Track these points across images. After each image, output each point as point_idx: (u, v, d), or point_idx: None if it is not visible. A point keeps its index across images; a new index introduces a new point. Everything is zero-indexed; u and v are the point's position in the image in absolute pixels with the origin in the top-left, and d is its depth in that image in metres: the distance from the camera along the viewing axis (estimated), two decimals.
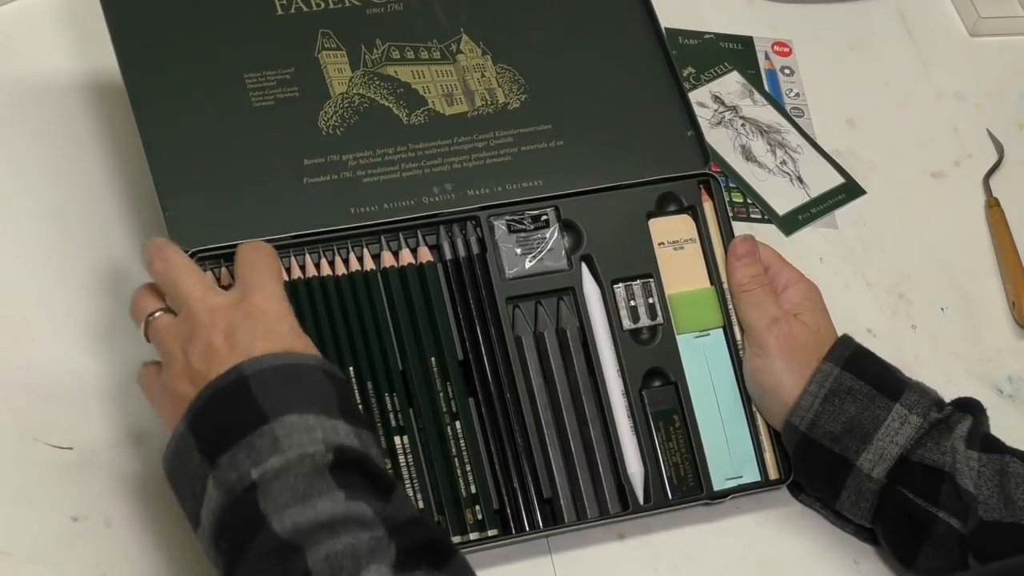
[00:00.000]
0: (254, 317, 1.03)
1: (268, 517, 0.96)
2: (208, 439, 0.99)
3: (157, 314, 1.07)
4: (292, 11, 1.24)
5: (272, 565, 0.95)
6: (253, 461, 0.97)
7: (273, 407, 0.98)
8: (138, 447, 1.16)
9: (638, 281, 1.22)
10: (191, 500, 1.00)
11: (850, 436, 1.16)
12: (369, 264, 1.17)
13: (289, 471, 0.96)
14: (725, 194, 1.36)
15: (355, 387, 1.14)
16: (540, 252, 1.21)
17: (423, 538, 0.97)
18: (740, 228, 1.30)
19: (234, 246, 1.13)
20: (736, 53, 1.47)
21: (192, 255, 1.13)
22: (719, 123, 1.42)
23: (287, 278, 1.14)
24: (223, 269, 1.14)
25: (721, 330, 1.23)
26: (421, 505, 1.13)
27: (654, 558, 1.20)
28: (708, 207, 1.25)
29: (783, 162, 1.41)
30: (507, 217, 1.20)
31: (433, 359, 1.16)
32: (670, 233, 1.24)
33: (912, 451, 1.15)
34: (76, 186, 1.25)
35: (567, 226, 1.22)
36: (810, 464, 1.19)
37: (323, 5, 1.25)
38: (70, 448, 1.15)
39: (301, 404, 0.99)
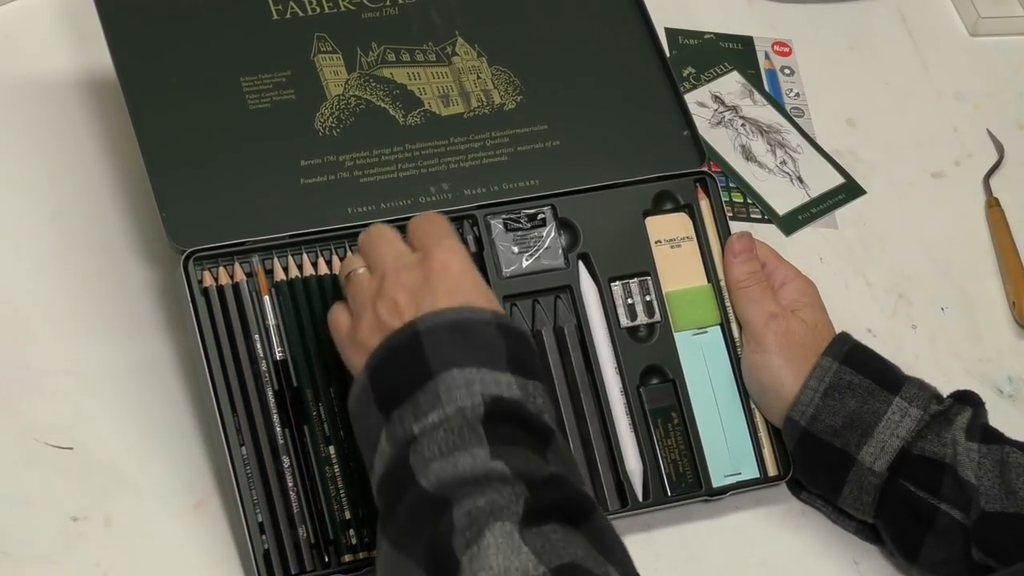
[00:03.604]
0: (436, 274, 1.05)
1: (415, 473, 0.98)
2: (385, 393, 1.02)
3: (360, 270, 1.08)
4: (288, 15, 1.25)
5: (423, 515, 0.96)
6: (415, 417, 0.99)
7: (439, 362, 1.01)
8: (138, 447, 1.16)
9: (635, 279, 1.23)
10: (368, 449, 1.03)
11: (851, 430, 1.16)
12: None
13: (440, 426, 0.98)
14: (725, 194, 1.36)
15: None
16: (537, 251, 1.21)
17: (561, 495, 0.98)
18: (740, 228, 1.30)
19: (233, 246, 1.14)
20: (736, 53, 1.48)
21: (189, 256, 1.13)
22: (719, 123, 1.43)
23: (285, 277, 1.15)
24: (221, 269, 1.14)
25: (719, 327, 1.23)
26: None
27: (654, 557, 1.20)
28: (705, 205, 1.25)
29: (783, 162, 1.42)
30: (504, 216, 1.21)
31: None
32: (667, 231, 1.24)
33: (913, 443, 1.16)
34: (75, 186, 1.26)
35: (564, 224, 1.22)
36: (811, 460, 1.19)
37: (318, 9, 1.25)
38: (70, 448, 1.15)
39: (465, 358, 1.01)
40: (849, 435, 1.17)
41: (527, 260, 1.21)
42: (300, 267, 1.16)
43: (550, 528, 0.95)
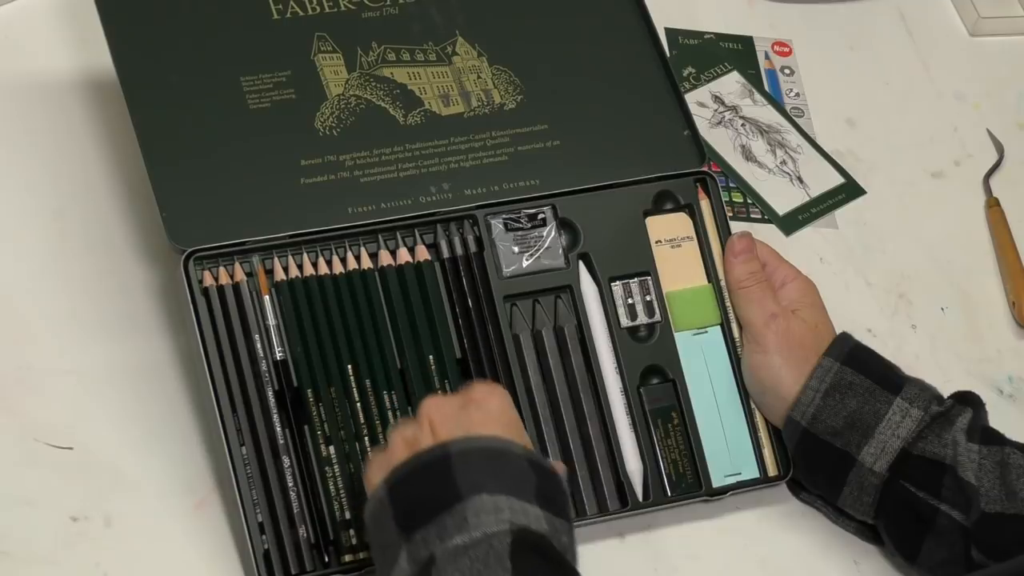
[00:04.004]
0: (474, 404, 1.05)
1: None
2: (406, 512, 1.00)
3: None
4: (288, 15, 1.25)
5: None
6: (440, 539, 0.98)
7: (468, 485, 1.00)
8: (138, 447, 1.16)
9: (636, 279, 1.23)
10: (383, 565, 1.02)
11: (851, 430, 1.16)
12: (367, 263, 1.17)
13: (467, 552, 0.97)
14: (725, 194, 1.36)
15: (354, 385, 1.14)
16: (537, 250, 1.21)
17: None
18: (740, 228, 1.30)
19: (233, 246, 1.14)
20: (736, 53, 1.48)
21: (189, 255, 1.13)
22: (719, 123, 1.43)
23: (285, 277, 1.15)
24: (221, 269, 1.14)
25: (719, 327, 1.23)
26: None
27: (654, 557, 1.20)
28: (705, 205, 1.25)
29: (783, 162, 1.42)
30: (504, 216, 1.21)
31: (431, 357, 1.16)
32: (667, 231, 1.24)
33: (913, 444, 1.16)
34: (76, 186, 1.26)
35: (564, 224, 1.22)
36: (811, 460, 1.19)
37: (319, 9, 1.25)
38: (70, 448, 1.15)
39: (496, 485, 1.00)
40: (850, 435, 1.16)
41: (527, 260, 1.21)
42: (300, 267, 1.16)
43: None
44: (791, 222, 1.39)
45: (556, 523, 1.01)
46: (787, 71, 1.48)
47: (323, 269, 1.16)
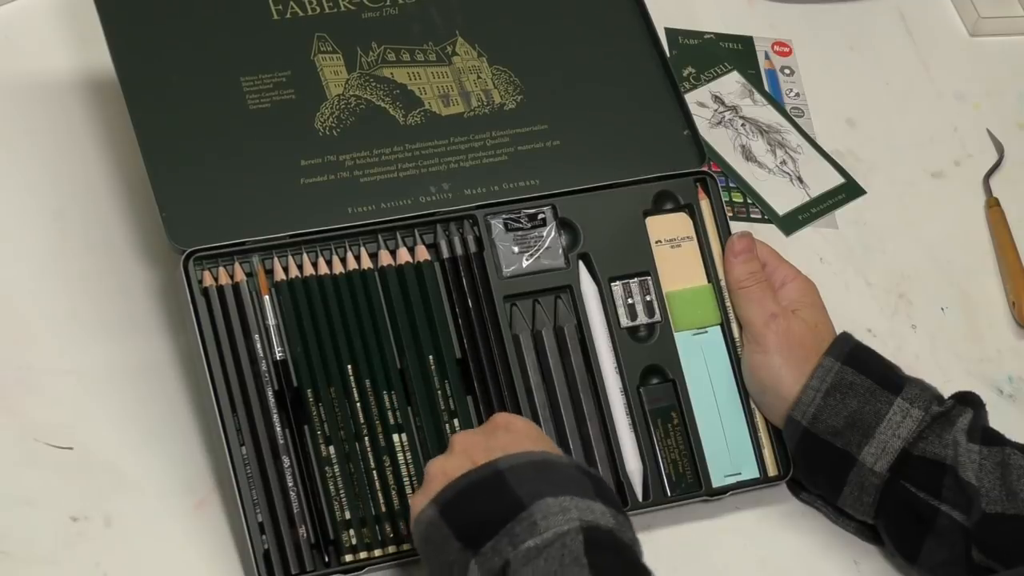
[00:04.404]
0: (501, 429, 1.08)
1: None
2: (467, 528, 1.01)
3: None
4: (288, 15, 1.25)
5: None
6: (512, 546, 0.99)
7: (529, 494, 1.01)
8: (138, 447, 1.16)
9: (635, 279, 1.23)
10: None
11: (852, 430, 1.16)
12: (367, 263, 1.17)
13: (541, 553, 0.98)
14: (725, 194, 1.36)
15: (354, 385, 1.14)
16: (537, 250, 1.21)
17: None
18: (740, 228, 1.30)
19: (233, 246, 1.14)
20: (736, 53, 1.48)
21: (189, 256, 1.13)
22: (719, 123, 1.43)
23: (285, 277, 1.15)
24: (221, 269, 1.14)
25: (719, 327, 1.23)
26: None
27: (654, 557, 1.19)
28: (705, 205, 1.25)
29: (783, 162, 1.42)
30: (504, 216, 1.21)
31: (431, 357, 1.17)
32: (667, 231, 1.24)
33: (914, 444, 1.16)
34: (76, 186, 1.26)
35: (564, 224, 1.22)
36: (812, 460, 1.19)
37: (319, 9, 1.25)
38: (70, 448, 1.15)
39: (556, 489, 1.01)
40: (850, 435, 1.16)
41: (527, 260, 1.21)
42: (300, 267, 1.16)
43: None
44: (791, 222, 1.39)
45: (620, 517, 1.03)
46: (787, 71, 1.48)
47: (323, 269, 1.16)
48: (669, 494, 1.19)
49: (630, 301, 1.22)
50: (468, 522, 1.02)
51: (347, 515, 1.13)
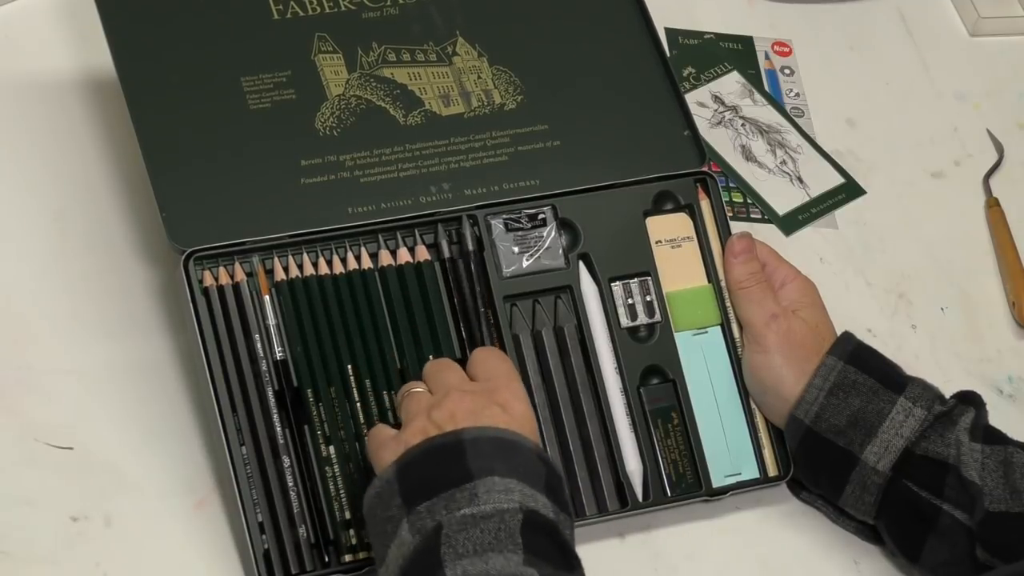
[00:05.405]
0: (498, 405, 1.06)
1: (444, 564, 0.97)
2: (413, 486, 1.01)
3: (420, 389, 1.09)
4: (288, 15, 1.25)
5: None
6: (447, 509, 0.99)
7: (480, 468, 1.01)
8: (138, 447, 1.16)
9: (636, 279, 1.23)
10: (381, 538, 1.02)
11: (854, 429, 1.16)
12: (367, 263, 1.17)
13: (478, 524, 0.98)
14: (725, 194, 1.36)
15: (354, 385, 1.14)
16: (537, 251, 1.21)
17: None
18: (740, 228, 1.30)
19: (233, 246, 1.14)
20: (736, 53, 1.48)
21: (189, 255, 1.13)
22: (719, 123, 1.43)
23: (285, 277, 1.15)
24: (221, 269, 1.14)
25: (719, 327, 1.23)
26: None
27: (654, 557, 1.20)
28: (705, 205, 1.25)
29: (783, 162, 1.42)
30: (504, 216, 1.21)
31: (431, 357, 1.16)
32: (667, 231, 1.24)
33: (916, 444, 1.16)
34: (76, 186, 1.26)
35: (564, 224, 1.22)
36: (813, 459, 1.19)
37: (319, 9, 1.25)
38: (70, 448, 1.15)
39: (506, 469, 1.01)
40: (853, 434, 1.17)
41: (527, 260, 1.21)
42: (300, 267, 1.16)
43: None
44: (791, 222, 1.39)
45: (561, 516, 1.02)
46: (787, 71, 1.48)
47: (323, 269, 1.16)
48: (669, 494, 1.19)
49: (630, 301, 1.22)
50: (415, 483, 1.01)
51: (347, 515, 1.13)
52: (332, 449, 1.13)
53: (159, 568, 1.13)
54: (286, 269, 1.16)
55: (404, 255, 1.18)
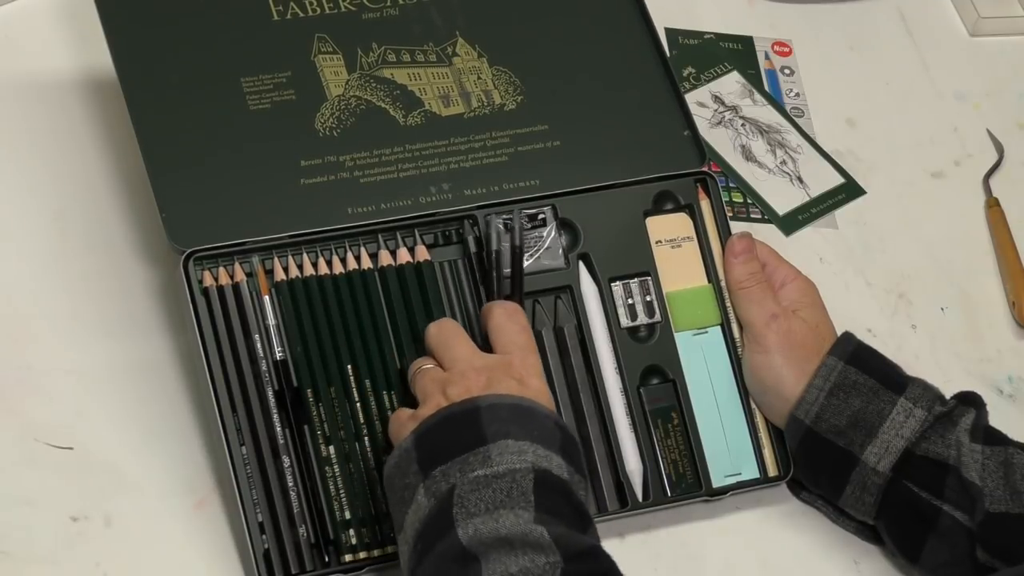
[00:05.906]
0: (514, 379, 1.07)
1: (456, 524, 0.99)
2: (429, 453, 1.03)
3: (429, 366, 1.10)
4: (288, 16, 1.25)
5: (449, 569, 0.98)
6: (462, 472, 1.01)
7: (494, 433, 1.02)
8: (138, 447, 1.16)
9: (636, 279, 1.23)
10: (399, 505, 1.04)
11: (855, 430, 1.16)
12: (367, 263, 1.17)
13: (490, 484, 1.00)
14: (725, 194, 1.36)
15: (354, 385, 1.14)
16: (537, 251, 1.21)
17: (597, 568, 1.00)
18: (740, 228, 1.30)
19: (233, 246, 1.14)
20: (736, 53, 1.48)
21: (189, 256, 1.13)
22: (719, 123, 1.43)
23: (285, 277, 1.15)
24: (221, 269, 1.14)
25: (719, 327, 1.23)
26: None
27: (654, 557, 1.20)
28: (705, 205, 1.25)
29: (783, 162, 1.42)
30: (504, 216, 1.21)
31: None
32: (667, 231, 1.24)
33: (917, 444, 1.16)
34: (76, 186, 1.26)
35: (564, 225, 1.22)
36: (814, 459, 1.19)
37: (319, 10, 1.25)
38: (70, 448, 1.15)
39: (521, 433, 1.03)
40: (853, 435, 1.17)
41: (527, 260, 1.21)
42: (300, 267, 1.16)
43: None
44: (791, 222, 1.39)
45: (575, 476, 1.04)
46: (787, 71, 1.48)
47: (323, 269, 1.16)
48: (669, 494, 1.19)
49: (630, 301, 1.22)
50: (431, 450, 1.03)
51: (347, 515, 1.13)
52: (332, 449, 1.13)
53: (159, 568, 1.13)
54: (286, 269, 1.16)
55: (404, 255, 1.18)
